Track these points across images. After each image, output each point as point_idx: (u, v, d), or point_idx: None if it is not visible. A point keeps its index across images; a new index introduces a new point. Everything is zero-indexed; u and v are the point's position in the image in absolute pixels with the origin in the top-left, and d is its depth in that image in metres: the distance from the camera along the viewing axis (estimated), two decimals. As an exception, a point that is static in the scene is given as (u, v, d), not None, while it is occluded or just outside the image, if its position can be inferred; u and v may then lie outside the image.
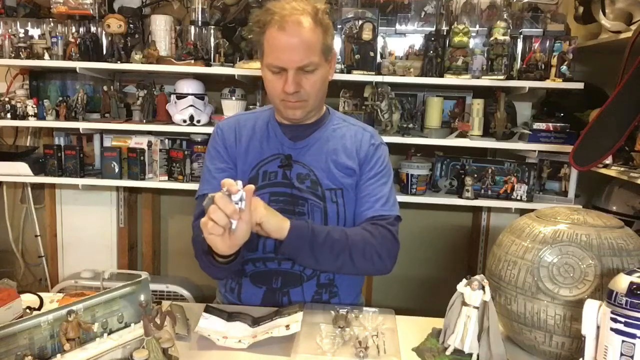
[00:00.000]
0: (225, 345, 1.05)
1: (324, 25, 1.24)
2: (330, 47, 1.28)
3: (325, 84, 1.31)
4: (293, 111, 1.27)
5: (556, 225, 1.05)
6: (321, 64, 1.24)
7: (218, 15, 2.22)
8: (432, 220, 2.58)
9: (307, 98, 1.25)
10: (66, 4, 2.15)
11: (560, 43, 2.07)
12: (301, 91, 1.23)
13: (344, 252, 1.21)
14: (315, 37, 1.21)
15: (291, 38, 1.19)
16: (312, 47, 1.21)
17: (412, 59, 2.17)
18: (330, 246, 1.20)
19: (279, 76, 1.23)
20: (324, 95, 1.34)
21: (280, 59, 1.21)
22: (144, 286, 1.04)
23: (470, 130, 2.18)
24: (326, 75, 1.29)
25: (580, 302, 0.89)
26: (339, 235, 1.22)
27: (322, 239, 1.20)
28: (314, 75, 1.23)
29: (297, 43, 1.19)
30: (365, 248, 1.23)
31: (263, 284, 1.31)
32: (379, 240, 1.25)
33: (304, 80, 1.23)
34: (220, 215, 0.98)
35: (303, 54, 1.20)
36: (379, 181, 1.34)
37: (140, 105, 2.27)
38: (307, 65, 1.21)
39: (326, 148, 1.34)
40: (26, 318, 0.90)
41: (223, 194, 0.99)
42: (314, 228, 1.20)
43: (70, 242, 2.60)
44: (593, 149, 1.75)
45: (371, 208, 1.30)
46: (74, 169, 2.27)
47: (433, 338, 1.08)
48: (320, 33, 1.23)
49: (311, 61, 1.21)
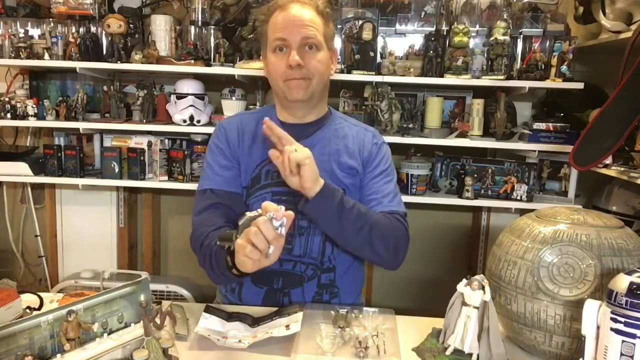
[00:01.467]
0: (225, 345, 1.05)
1: (325, 15, 1.29)
2: (332, 36, 1.32)
3: (328, 72, 1.32)
4: (297, 89, 1.26)
5: (556, 225, 1.05)
6: (324, 47, 1.28)
7: (218, 15, 2.22)
8: (432, 220, 2.59)
9: (311, 77, 1.26)
10: (66, 4, 2.15)
11: (560, 43, 2.06)
12: (304, 70, 1.24)
13: (365, 227, 1.20)
14: (317, 20, 1.27)
15: (295, 15, 1.25)
16: (315, 25, 1.26)
17: (412, 59, 2.17)
18: (356, 216, 1.19)
19: (282, 54, 1.25)
20: (326, 87, 1.35)
21: (283, 31, 1.24)
22: (144, 286, 1.04)
23: (470, 130, 2.18)
24: (328, 63, 1.31)
25: (580, 302, 0.89)
26: (364, 210, 1.23)
27: (350, 205, 1.19)
28: (317, 54, 1.26)
29: (301, 18, 1.24)
30: (385, 232, 1.23)
31: (264, 284, 1.31)
32: (396, 231, 1.26)
33: (307, 57, 1.25)
34: (262, 240, 0.94)
35: (307, 28, 1.24)
36: (385, 179, 1.34)
37: (140, 105, 2.27)
38: (311, 38, 1.24)
39: (329, 148, 1.34)
40: (26, 318, 0.90)
41: (268, 218, 0.94)
42: (343, 195, 1.21)
43: (70, 242, 2.60)
44: (593, 149, 1.75)
45: (380, 204, 1.30)
46: (74, 169, 2.27)
47: (433, 338, 1.08)
48: (322, 21, 1.28)
49: (315, 35, 1.25)
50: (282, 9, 1.26)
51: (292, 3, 1.26)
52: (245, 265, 0.99)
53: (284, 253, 1.28)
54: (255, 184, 1.31)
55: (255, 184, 1.31)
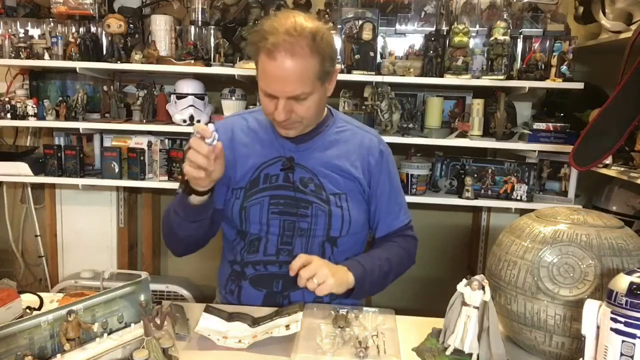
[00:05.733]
0: (225, 345, 1.05)
1: (322, 51, 1.15)
2: (328, 72, 1.20)
3: (323, 102, 1.27)
4: (286, 131, 1.26)
5: (556, 225, 1.05)
6: (315, 90, 1.18)
7: (218, 15, 2.22)
8: (432, 220, 2.58)
9: (301, 120, 1.23)
10: (66, 4, 2.15)
11: (560, 43, 2.06)
12: (293, 116, 1.20)
13: (389, 276, 1.33)
14: (309, 67, 1.14)
15: (282, 69, 1.12)
16: (305, 77, 1.14)
17: (412, 59, 2.17)
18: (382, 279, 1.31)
19: (270, 99, 1.19)
20: (322, 110, 1.32)
21: (270, 87, 1.16)
22: (144, 286, 1.04)
23: (470, 130, 2.18)
24: (323, 96, 1.25)
25: (580, 302, 0.89)
26: (388, 267, 1.31)
27: (377, 276, 1.29)
28: (306, 102, 1.19)
29: (288, 74, 1.12)
30: (402, 264, 1.37)
31: (263, 287, 1.30)
32: (411, 252, 1.41)
33: (295, 107, 1.18)
34: (197, 155, 1.08)
35: (294, 85, 1.14)
36: (397, 188, 1.41)
37: (140, 105, 2.27)
38: (299, 95, 1.16)
39: (329, 153, 1.33)
40: (26, 318, 0.90)
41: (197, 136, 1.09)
42: (369, 269, 1.27)
43: (70, 242, 2.60)
44: (593, 149, 1.75)
45: (397, 218, 1.39)
46: (74, 169, 2.27)
47: (433, 338, 1.08)
48: (317, 60, 1.15)
49: (303, 91, 1.15)
50: (270, 56, 1.12)
51: (280, 51, 1.10)
52: (198, 182, 1.13)
53: (284, 255, 1.29)
54: (253, 187, 1.30)
55: (253, 187, 1.30)
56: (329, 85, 1.26)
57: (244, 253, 1.32)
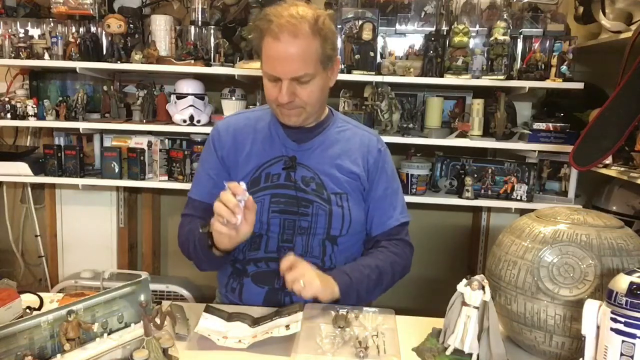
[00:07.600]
0: (225, 345, 1.05)
1: (323, 34, 1.20)
2: (330, 56, 1.24)
3: (325, 91, 1.30)
4: (289, 117, 1.27)
5: (556, 225, 1.05)
6: (318, 73, 1.22)
7: (218, 15, 2.22)
8: (432, 220, 2.58)
9: (304, 105, 1.24)
10: (66, 4, 2.15)
11: (560, 43, 2.06)
12: (296, 100, 1.22)
13: (379, 286, 1.31)
14: (312, 48, 1.19)
15: (285, 49, 1.17)
16: (308, 58, 1.19)
17: (412, 59, 2.17)
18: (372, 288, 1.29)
19: (274, 84, 1.22)
20: (324, 101, 1.33)
21: (274, 68, 1.20)
22: (144, 286, 1.04)
23: (470, 130, 2.18)
24: (325, 83, 1.27)
25: (580, 302, 0.89)
26: (376, 275, 1.28)
27: (365, 286, 1.26)
28: (309, 85, 1.22)
29: (292, 54, 1.17)
30: (395, 273, 1.34)
31: (265, 284, 1.31)
32: (403, 258, 1.36)
33: (299, 90, 1.21)
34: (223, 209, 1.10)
35: (297, 65, 1.18)
36: (394, 187, 1.39)
37: (140, 105, 2.27)
38: (302, 77, 1.19)
39: (331, 152, 1.34)
40: (26, 318, 0.89)
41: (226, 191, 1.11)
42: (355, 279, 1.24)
43: (70, 242, 2.59)
44: (593, 149, 1.75)
45: (392, 217, 1.37)
46: (74, 169, 2.27)
47: (433, 338, 1.08)
48: (319, 43, 1.20)
49: (306, 72, 1.19)
50: (274, 37, 1.17)
51: (283, 32, 1.16)
52: (222, 240, 1.16)
53: (285, 252, 1.29)
54: (254, 186, 1.31)
55: (255, 186, 1.31)
56: (331, 75, 1.29)
57: (246, 251, 1.32)
